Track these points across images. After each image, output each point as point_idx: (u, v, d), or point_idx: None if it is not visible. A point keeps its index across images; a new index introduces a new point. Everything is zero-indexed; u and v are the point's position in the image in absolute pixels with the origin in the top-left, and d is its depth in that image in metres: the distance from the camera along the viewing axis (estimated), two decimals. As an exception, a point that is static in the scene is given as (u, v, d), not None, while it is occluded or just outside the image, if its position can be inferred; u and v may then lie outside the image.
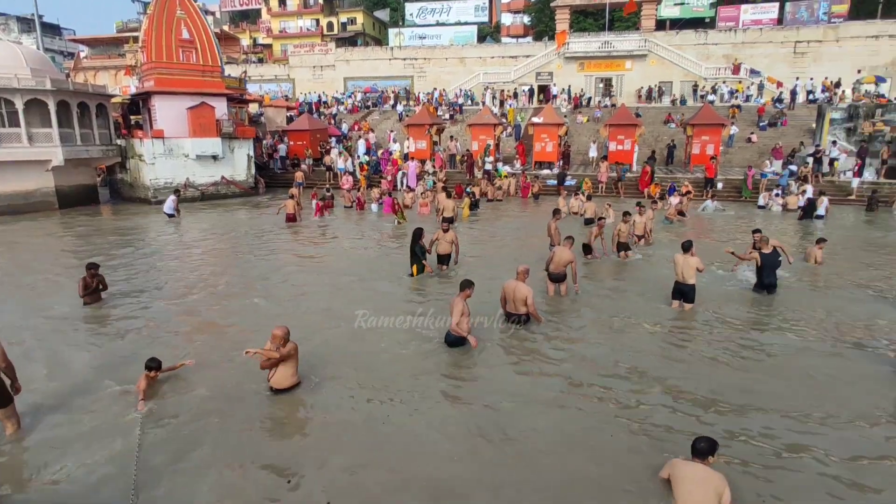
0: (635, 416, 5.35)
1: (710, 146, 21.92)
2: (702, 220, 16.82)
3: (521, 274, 7.59)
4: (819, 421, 5.22)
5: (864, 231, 15.35)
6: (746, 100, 30.90)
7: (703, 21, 40.27)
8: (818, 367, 6.41)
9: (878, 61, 33.42)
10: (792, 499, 4.16)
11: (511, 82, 37.56)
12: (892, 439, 4.93)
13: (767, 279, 9.24)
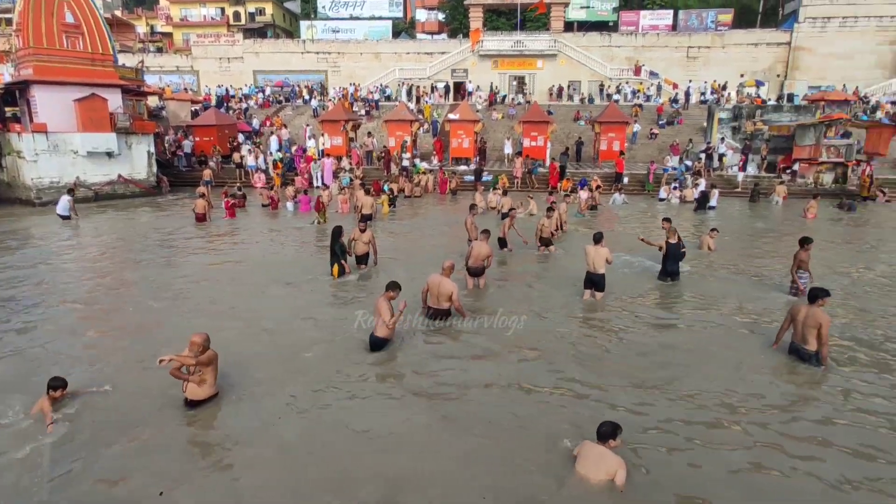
0: (553, 401, 5.53)
1: (616, 143, 23.21)
2: (611, 212, 17.75)
3: (446, 269, 7.61)
4: (719, 400, 5.65)
5: (749, 220, 16.88)
6: (647, 99, 33.04)
7: (607, 24, 42.53)
8: (718, 349, 6.95)
9: (757, 66, 36.91)
10: (690, 477, 4.47)
11: (427, 79, 37.66)
12: (786, 420, 5.43)
13: (671, 267, 9.87)
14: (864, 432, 5.03)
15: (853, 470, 4.47)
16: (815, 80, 34.99)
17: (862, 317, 8.05)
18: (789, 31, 36.42)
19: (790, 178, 21.45)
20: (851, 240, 14.07)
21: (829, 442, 4.87)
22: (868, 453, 4.71)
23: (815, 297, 6.41)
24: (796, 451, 4.71)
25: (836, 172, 21.33)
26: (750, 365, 6.47)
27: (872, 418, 5.26)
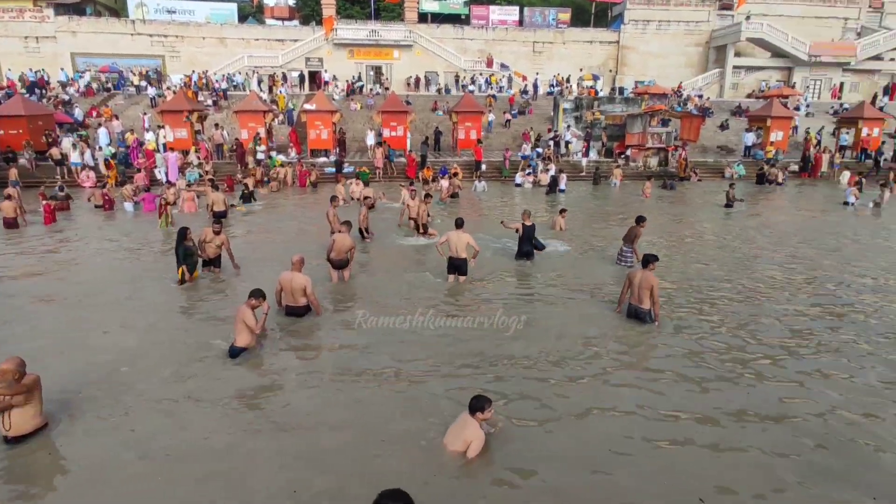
0: (418, 388, 5.58)
1: (473, 132, 24.08)
2: (473, 199, 18.41)
3: (296, 264, 7.28)
4: (572, 359, 6.13)
5: (593, 201, 18.57)
6: (500, 90, 34.73)
7: (460, 17, 43.79)
8: (571, 316, 7.55)
9: (593, 62, 40.60)
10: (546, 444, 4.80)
11: (279, 67, 35.86)
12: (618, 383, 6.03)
13: (525, 248, 10.52)
14: (692, 369, 5.86)
15: (686, 400, 5.15)
16: (640, 75, 39.42)
17: (683, 276, 9.27)
18: (617, 32, 40.56)
19: (625, 162, 23.99)
20: (674, 213, 16.14)
21: (661, 379, 5.53)
22: (695, 386, 5.47)
23: (647, 262, 7.24)
24: (639, 389, 5.30)
25: (659, 156, 24.31)
26: (598, 326, 7.16)
27: (696, 358, 6.14)
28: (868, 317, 7.66)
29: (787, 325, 7.34)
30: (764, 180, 22.46)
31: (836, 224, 14.74)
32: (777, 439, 4.73)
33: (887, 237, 13.10)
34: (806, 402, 5.37)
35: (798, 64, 38.28)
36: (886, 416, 5.11)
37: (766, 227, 14.16)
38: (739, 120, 29.87)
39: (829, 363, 6.22)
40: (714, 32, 40.04)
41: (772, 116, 25.33)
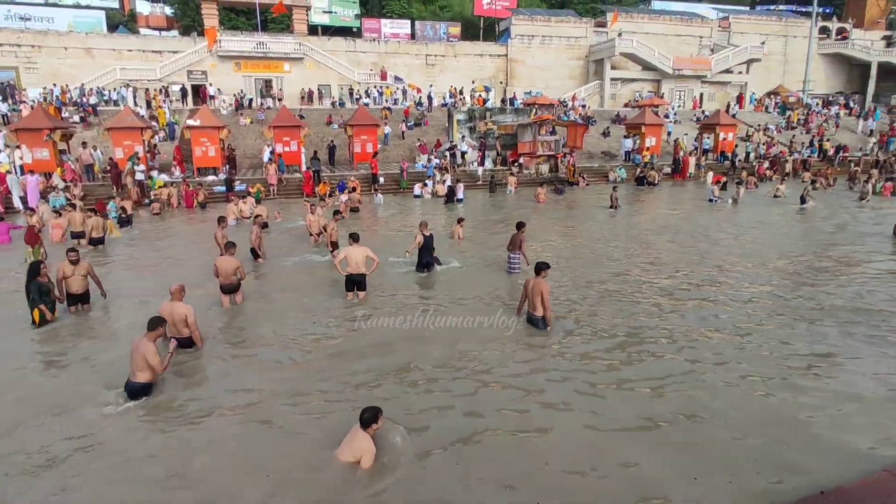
0: (323, 404, 5.34)
1: (369, 144, 23.88)
2: (372, 212, 18.22)
3: (175, 293, 6.71)
4: (472, 367, 6.16)
5: (490, 209, 19.10)
6: (395, 103, 34.84)
7: (351, 30, 43.52)
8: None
9: (484, 74, 42.03)
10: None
11: (157, 80, 33.43)
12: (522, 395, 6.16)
13: (426, 259, 10.54)
14: (580, 373, 6.08)
15: (573, 398, 5.34)
16: (528, 87, 41.39)
17: (575, 280, 9.73)
18: (506, 45, 42.37)
19: (518, 169, 24.98)
20: (566, 216, 17.02)
21: (550, 384, 5.73)
22: (583, 386, 5.69)
23: (539, 269, 7.49)
24: (538, 397, 5.43)
25: (550, 163, 25.59)
26: (497, 334, 7.29)
27: (588, 361, 6.38)
28: (727, 297, 8.49)
29: (674, 318, 7.92)
30: (643, 182, 24.41)
31: (703, 218, 16.35)
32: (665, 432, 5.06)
33: (745, 228, 14.71)
34: (694, 403, 5.80)
35: (665, 76, 42.18)
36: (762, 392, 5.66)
37: (646, 224, 15.36)
38: (619, 127, 32.26)
39: (707, 355, 6.79)
40: (592, 47, 43.06)
41: (645, 124, 27.62)
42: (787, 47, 48.56)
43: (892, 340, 6.87)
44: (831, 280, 9.67)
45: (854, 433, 4.85)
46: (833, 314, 7.89)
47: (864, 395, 5.51)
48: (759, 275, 10.04)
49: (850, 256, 11.39)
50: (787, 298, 8.64)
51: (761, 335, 7.15)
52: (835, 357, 6.47)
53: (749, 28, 47.55)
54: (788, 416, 5.18)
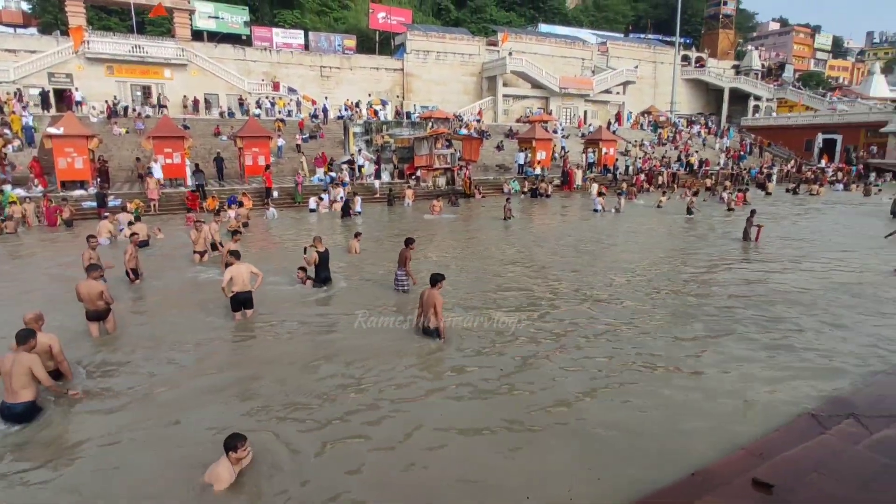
0: (204, 431, 4.95)
1: (261, 157, 22.91)
2: (266, 227, 17.44)
3: (30, 322, 5.94)
4: (377, 380, 6.04)
5: (388, 222, 19.06)
6: (289, 114, 33.80)
7: (241, 38, 41.68)
8: (373, 339, 7.49)
9: (381, 87, 42.09)
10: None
11: (11, 83, 29.76)
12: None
13: (323, 273, 10.29)
14: (471, 378, 6.17)
15: (465, 407, 5.41)
16: (424, 101, 42.08)
17: (470, 290, 9.93)
18: (401, 60, 42.79)
19: (416, 182, 25.20)
20: (462, 228, 17.40)
21: (445, 394, 5.77)
22: (467, 393, 5.77)
23: (434, 281, 7.55)
24: (423, 405, 5.44)
25: (446, 176, 26.11)
26: (397, 347, 7.25)
27: (478, 367, 6.50)
28: (614, 300, 9.12)
29: (564, 326, 8.32)
30: (535, 194, 25.65)
31: (589, 226, 17.53)
32: (551, 441, 5.27)
33: (627, 235, 15.94)
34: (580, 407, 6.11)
35: (552, 94, 44.83)
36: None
37: (538, 233, 16.13)
38: (512, 141, 33.72)
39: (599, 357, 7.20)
40: (485, 64, 44.76)
41: (536, 139, 29.14)
42: (657, 72, 53.72)
43: (750, 336, 7.73)
44: (701, 281, 10.72)
45: (716, 420, 5.35)
46: (704, 310, 8.73)
47: (722, 386, 6.13)
48: (638, 279, 10.89)
49: (715, 259, 12.72)
50: (665, 300, 9.43)
51: (648, 334, 7.72)
52: (700, 354, 7.14)
53: (624, 53, 52.06)
54: (658, 408, 5.62)
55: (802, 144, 44.80)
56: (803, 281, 10.61)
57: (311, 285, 10.20)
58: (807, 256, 12.93)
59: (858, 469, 3.89)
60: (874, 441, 4.30)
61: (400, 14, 45.99)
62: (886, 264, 11.82)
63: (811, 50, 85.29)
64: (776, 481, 3.75)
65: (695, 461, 4.52)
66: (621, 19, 66.09)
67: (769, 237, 15.04)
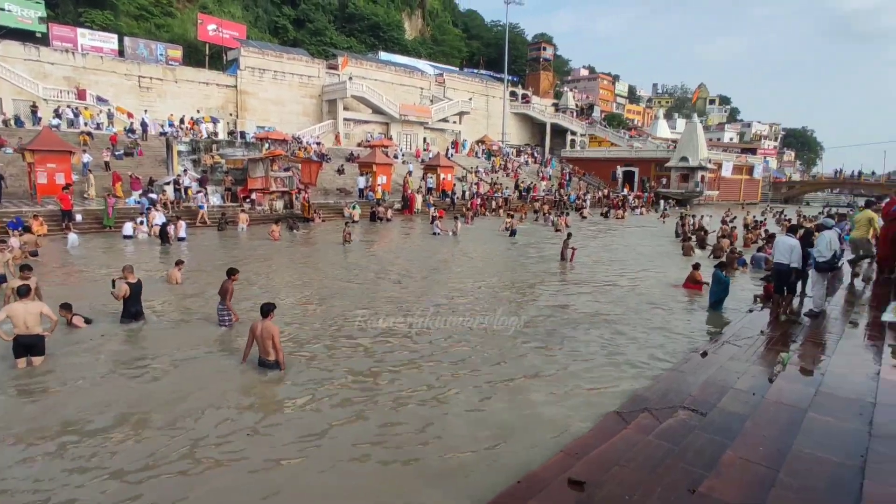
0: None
1: (59, 175, 19.81)
2: (64, 255, 15.03)
3: None
4: (205, 422, 5.43)
5: (219, 249, 17.67)
6: (97, 127, 29.86)
7: (34, 35, 35.94)
8: (196, 378, 6.78)
9: (212, 104, 39.35)
10: None
11: None
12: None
13: (134, 307, 9.14)
14: (316, 411, 5.89)
15: (310, 438, 5.15)
16: (261, 121, 40.28)
17: (309, 316, 9.59)
18: (235, 76, 40.50)
19: (250, 206, 23.83)
20: (301, 253, 16.82)
21: (284, 425, 5.45)
22: (321, 423, 5.53)
23: (266, 311, 7.15)
24: (263, 438, 5.05)
25: (284, 199, 25.14)
26: (227, 385, 6.69)
27: (323, 398, 6.25)
28: (451, 319, 9.46)
29: (408, 345, 8.38)
30: (376, 218, 25.85)
31: (429, 248, 18.11)
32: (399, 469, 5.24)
33: (464, 254, 16.78)
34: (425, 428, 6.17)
35: (393, 120, 45.94)
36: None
37: (379, 257, 16.22)
38: (353, 165, 33.70)
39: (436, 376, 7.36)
40: (325, 87, 44.37)
41: (376, 163, 29.52)
42: (489, 105, 58.16)
43: (564, 348, 8.55)
44: (521, 300, 11.65)
45: (539, 428, 5.77)
46: (527, 328, 9.45)
47: (544, 395, 6.67)
48: (476, 296, 11.47)
49: (534, 279, 13.95)
50: (497, 313, 10.03)
51: (479, 354, 8.10)
52: (522, 367, 7.71)
53: (459, 85, 55.54)
54: (487, 422, 5.92)
55: (609, 175, 51.80)
56: (609, 296, 12.12)
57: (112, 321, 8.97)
58: (613, 273, 14.84)
59: (649, 456, 4.43)
60: (661, 430, 4.95)
61: (233, 28, 43.75)
62: (675, 280, 13.95)
63: (613, 95, 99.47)
64: (587, 478, 4.11)
65: (523, 468, 4.81)
66: (457, 54, 70.59)
67: (583, 257, 16.95)
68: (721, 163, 53.05)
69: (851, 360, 6.11)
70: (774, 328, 8.25)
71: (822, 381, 5.46)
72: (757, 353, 6.91)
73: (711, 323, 10.07)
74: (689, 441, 4.56)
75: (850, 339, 6.89)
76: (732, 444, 4.30)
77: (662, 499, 3.66)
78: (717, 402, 5.32)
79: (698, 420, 4.99)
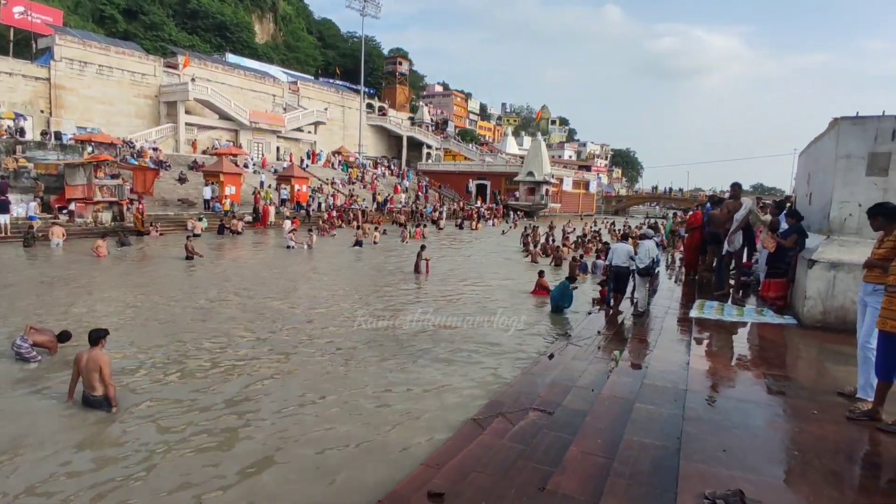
0: None
1: None
2: None
3: None
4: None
5: (25, 269, 15.03)
6: None
7: None
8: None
9: (17, 98, 33.56)
10: None
11: None
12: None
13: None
14: (157, 451, 5.14)
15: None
16: (83, 122, 35.32)
17: (144, 343, 8.46)
18: (47, 67, 35.04)
19: (68, 217, 20.67)
20: (134, 272, 14.92)
21: (123, 466, 4.66)
22: (163, 462, 4.81)
23: (96, 339, 6.16)
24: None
25: (113, 211, 22.24)
26: (42, 430, 5.56)
27: (164, 433, 5.47)
28: (305, 337, 9.00)
29: (255, 363, 7.72)
30: (224, 230, 23.99)
31: (281, 263, 17.21)
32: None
33: (319, 268, 16.20)
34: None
35: (242, 127, 43.23)
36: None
37: (226, 274, 14.99)
38: (197, 174, 31.01)
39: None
40: (163, 87, 40.29)
41: (224, 172, 27.51)
42: (345, 116, 57.51)
43: (421, 361, 8.57)
44: (380, 314, 11.52)
45: (402, 443, 5.65)
46: (380, 342, 9.32)
47: (402, 410, 6.60)
48: (334, 311, 11.06)
49: (391, 292, 13.93)
50: (342, 335, 9.75)
51: (334, 365, 7.78)
52: (378, 382, 7.58)
53: (314, 95, 54.16)
54: (343, 441, 5.68)
55: (464, 188, 54.13)
56: (464, 305, 12.50)
57: None
58: (468, 282, 15.39)
59: (503, 459, 4.54)
60: (514, 432, 5.12)
61: (45, 12, 38.03)
62: (524, 287, 14.86)
63: (466, 111, 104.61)
64: (447, 489, 4.06)
65: (383, 487, 4.65)
66: (312, 62, 68.96)
67: (440, 267, 17.37)
68: (562, 178, 58.32)
69: (668, 352, 6.97)
70: (610, 328, 9.16)
71: (647, 373, 6.14)
72: (595, 352, 7.59)
73: (557, 325, 10.88)
74: (538, 440, 4.81)
75: (666, 335, 7.87)
76: (575, 440, 4.61)
77: (515, 500, 3.79)
78: (563, 401, 5.70)
79: (546, 419, 5.29)
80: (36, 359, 7.56)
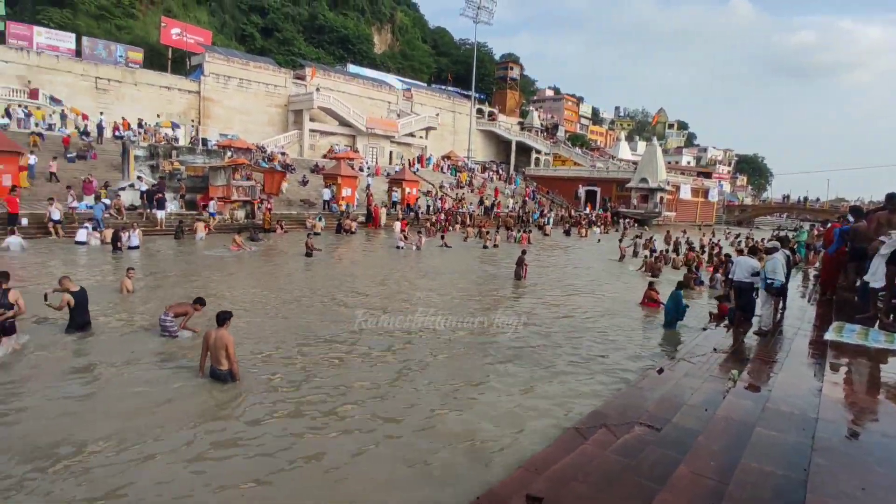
0: None
1: (6, 176, 18.90)
2: (4, 261, 14.25)
3: None
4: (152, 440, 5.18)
5: (173, 257, 17.14)
6: (49, 128, 28.68)
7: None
8: (139, 394, 6.45)
9: (173, 109, 38.39)
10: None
11: None
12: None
13: (81, 318, 8.76)
14: (272, 424, 5.73)
15: (269, 451, 4.99)
16: (224, 129, 39.52)
17: (267, 328, 9.34)
18: (198, 82, 39.67)
19: (210, 215, 23.23)
20: (260, 265, 16.45)
21: (246, 438, 5.27)
22: (278, 436, 5.36)
23: (222, 320, 6.97)
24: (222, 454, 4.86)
25: (246, 209, 24.63)
26: (177, 398, 6.43)
27: (280, 411, 6.06)
28: (416, 332, 9.38)
29: (360, 362, 8.24)
30: (340, 230, 25.59)
31: (393, 262, 18.01)
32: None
33: (427, 269, 16.74)
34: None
35: (359, 133, 45.83)
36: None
37: (342, 270, 16.02)
38: (317, 176, 33.37)
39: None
40: (292, 97, 43.95)
41: (342, 175, 29.32)
42: (455, 121, 58.75)
43: (524, 367, 8.59)
44: (483, 316, 11.67)
45: (502, 443, 5.73)
46: (485, 344, 9.45)
47: (506, 412, 6.67)
48: (442, 306, 11.41)
49: (494, 295, 14.02)
50: (467, 327, 10.00)
51: (441, 364, 8.06)
52: (483, 384, 7.71)
53: (427, 101, 55.94)
54: (448, 437, 5.87)
55: (573, 193, 52.89)
56: (565, 314, 12.28)
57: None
58: (569, 291, 15.07)
59: (606, 471, 4.47)
60: (618, 445, 5.02)
61: (197, 33, 42.99)
62: (631, 296, 14.29)
63: (577, 116, 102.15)
64: (546, 493, 4.09)
65: (478, 486, 4.77)
66: (425, 69, 71.29)
67: (544, 275, 17.14)
68: (679, 185, 54.94)
69: (796, 376, 6.35)
70: (727, 346, 8.53)
71: (770, 396, 5.65)
72: (710, 370, 7.12)
73: (667, 340, 10.32)
74: (644, 456, 4.64)
75: (795, 357, 7.17)
76: (685, 459, 4.39)
77: (617, 513, 3.71)
78: (672, 418, 5.44)
79: (653, 435, 5.09)
80: (176, 333, 8.70)
